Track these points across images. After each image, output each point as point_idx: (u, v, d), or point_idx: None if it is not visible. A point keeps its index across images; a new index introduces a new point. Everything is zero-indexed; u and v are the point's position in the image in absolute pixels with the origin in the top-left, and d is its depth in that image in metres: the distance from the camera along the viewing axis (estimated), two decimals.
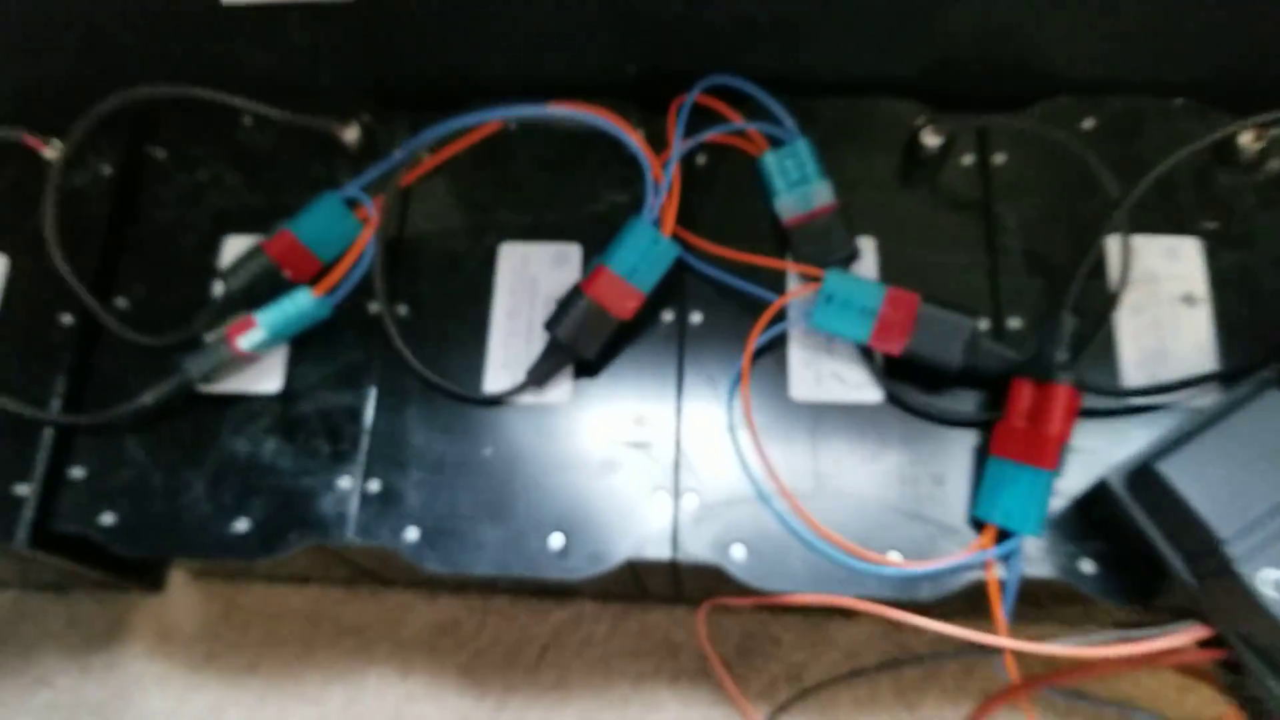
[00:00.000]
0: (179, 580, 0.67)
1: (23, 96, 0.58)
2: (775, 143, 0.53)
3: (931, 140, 0.51)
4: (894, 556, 0.43)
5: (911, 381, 0.48)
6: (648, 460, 0.48)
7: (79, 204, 0.59)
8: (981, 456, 0.45)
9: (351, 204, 0.54)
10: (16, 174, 0.57)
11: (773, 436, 0.48)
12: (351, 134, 0.56)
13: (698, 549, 0.46)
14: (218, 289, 0.55)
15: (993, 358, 0.46)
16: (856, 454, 0.47)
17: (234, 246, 0.55)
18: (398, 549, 0.48)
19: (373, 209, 0.54)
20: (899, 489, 0.46)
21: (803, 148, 0.51)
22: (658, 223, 0.48)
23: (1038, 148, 0.52)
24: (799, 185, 0.51)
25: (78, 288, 0.54)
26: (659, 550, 0.45)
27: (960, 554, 0.42)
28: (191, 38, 0.57)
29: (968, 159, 0.53)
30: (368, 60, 0.59)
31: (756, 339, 0.48)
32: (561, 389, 0.50)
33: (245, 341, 0.50)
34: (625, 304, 0.47)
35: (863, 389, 0.49)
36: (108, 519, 0.51)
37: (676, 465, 0.48)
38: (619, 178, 0.55)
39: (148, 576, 0.67)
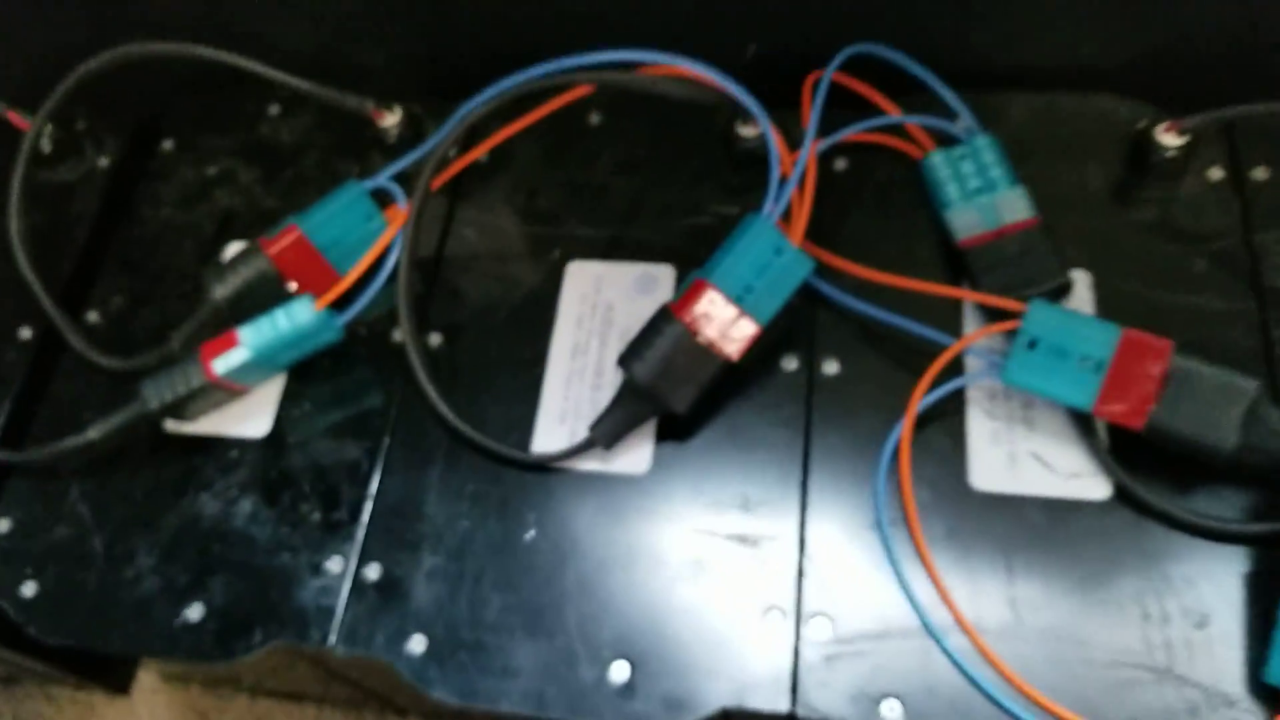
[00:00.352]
0: (147, 683, 0.59)
1: (30, 77, 0.49)
2: (945, 142, 0.40)
3: (1169, 143, 0.38)
4: None
5: (1157, 470, 0.34)
6: (756, 564, 0.36)
7: (64, 199, 0.50)
8: (1271, 587, 0.33)
9: (382, 199, 0.43)
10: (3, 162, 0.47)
11: (945, 543, 0.35)
12: (391, 120, 0.45)
13: (830, 702, 0.32)
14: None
15: None
16: (1072, 576, 0.33)
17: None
18: (394, 664, 0.35)
19: (405, 204, 0.42)
20: (1140, 632, 0.32)
21: (985, 146, 0.39)
22: (784, 226, 0.35)
23: None
24: (980, 194, 0.38)
25: (38, 293, 0.44)
26: (771, 700, 0.33)
27: None
28: (217, 9, 0.50)
29: (1216, 173, 0.39)
30: (422, 38, 0.51)
31: (921, 399, 0.34)
32: (638, 454, 0.38)
33: (222, 364, 0.39)
34: (733, 337, 0.36)
35: (1081, 479, 0.34)
36: (28, 590, 0.40)
37: (800, 575, 0.35)
38: (728, 185, 0.44)
39: (111, 676, 0.58)
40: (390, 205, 0.44)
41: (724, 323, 0.36)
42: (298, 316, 0.40)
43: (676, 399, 0.36)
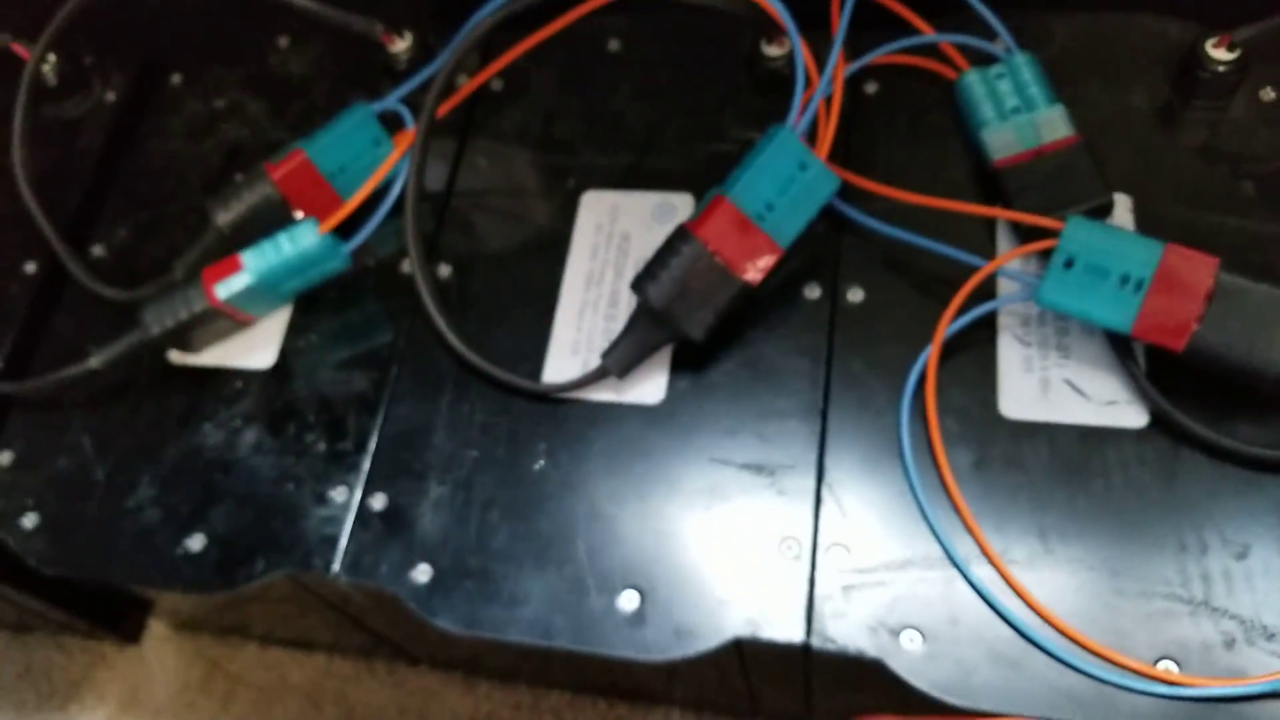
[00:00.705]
0: (158, 632, 0.59)
1: (36, 8, 0.50)
2: (982, 63, 0.39)
3: (1220, 58, 0.36)
4: (1168, 668, 0.30)
5: (1196, 396, 0.33)
6: (772, 494, 0.35)
7: (70, 134, 0.50)
8: None
9: (392, 124, 0.42)
10: (3, 97, 0.47)
11: (972, 473, 0.34)
12: (402, 45, 0.45)
13: (846, 633, 0.31)
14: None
15: None
16: (1106, 506, 0.32)
17: None
18: (399, 594, 0.34)
19: (413, 126, 0.41)
20: (1176, 563, 0.31)
21: (1023, 64, 0.38)
22: (810, 141, 0.34)
23: None
24: (1018, 114, 0.37)
25: (42, 223, 0.44)
26: (786, 630, 0.33)
27: None
28: None
29: (1269, 93, 0.38)
30: None
31: (949, 325, 0.33)
32: (652, 384, 0.38)
33: (224, 289, 0.39)
34: (754, 260, 0.35)
35: (1117, 406, 0.34)
36: (29, 521, 0.40)
37: (817, 504, 0.34)
38: (752, 109, 0.43)
39: (123, 624, 0.59)
40: (400, 130, 0.44)
41: (744, 242, 0.35)
42: (301, 240, 0.40)
43: (693, 324, 0.35)
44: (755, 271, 0.35)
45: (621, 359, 0.37)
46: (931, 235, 0.37)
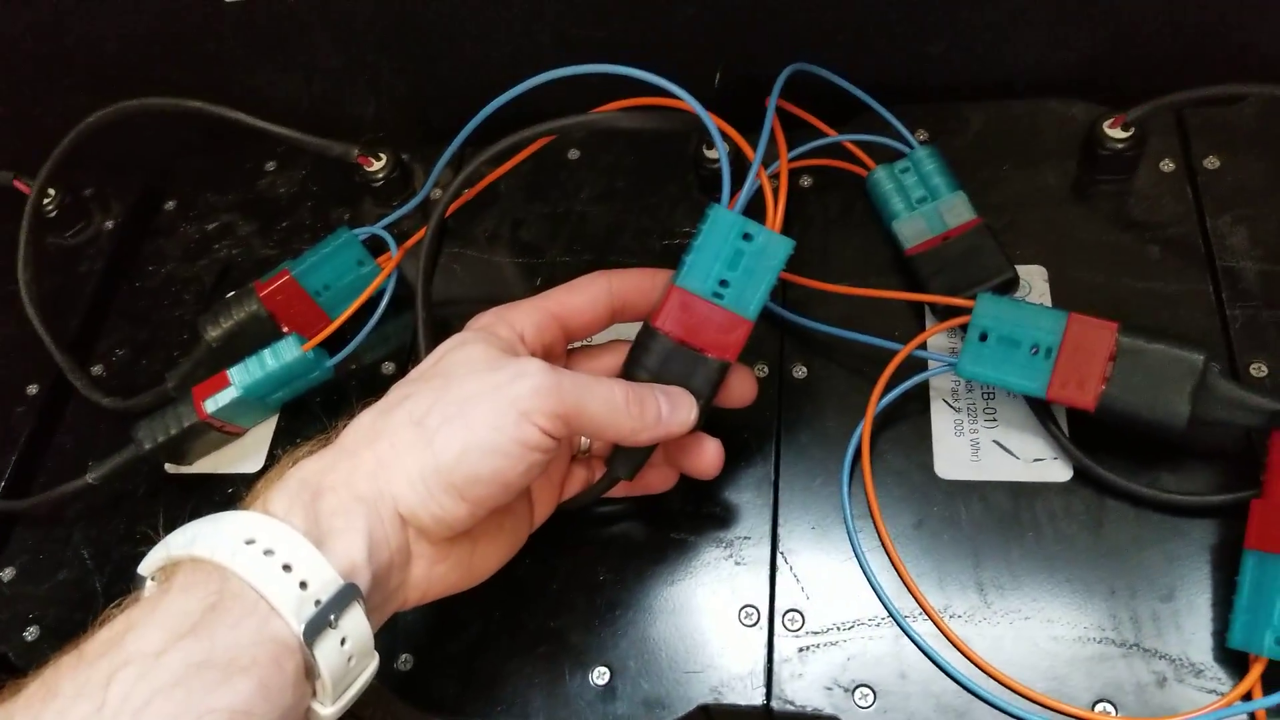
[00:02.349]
0: None
1: (38, 147, 0.54)
2: (897, 155, 0.43)
3: (1117, 136, 0.40)
4: (1105, 710, 0.32)
5: (1118, 449, 0.36)
6: (731, 565, 0.38)
7: (71, 262, 0.54)
8: (1231, 556, 0.34)
9: (375, 247, 0.46)
10: (9, 231, 0.51)
11: (914, 533, 0.36)
12: (378, 166, 0.49)
13: (804, 694, 0.34)
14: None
15: (1238, 407, 0.33)
16: (1039, 557, 0.35)
17: None
18: (383, 683, 0.36)
19: (396, 252, 0.45)
20: (1106, 608, 0.33)
21: (925, 156, 0.42)
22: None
23: (1269, 143, 0.42)
24: (925, 203, 0.41)
25: (46, 340, 0.47)
26: (747, 694, 0.35)
27: (1213, 705, 0.31)
28: (212, 66, 0.55)
29: (1168, 164, 0.41)
30: (408, 88, 0.55)
31: (879, 400, 0.36)
32: None
33: (213, 403, 0.41)
34: (723, 338, 0.34)
35: (1043, 463, 0.36)
36: (30, 634, 0.42)
37: (773, 572, 0.37)
38: (700, 206, 0.46)
39: None
40: (384, 253, 0.48)
41: (707, 324, 0.34)
42: (284, 355, 0.43)
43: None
44: (727, 349, 0.34)
45: (628, 462, 0.36)
46: (870, 316, 0.40)
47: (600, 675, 0.36)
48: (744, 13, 0.46)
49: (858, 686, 0.34)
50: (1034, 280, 0.41)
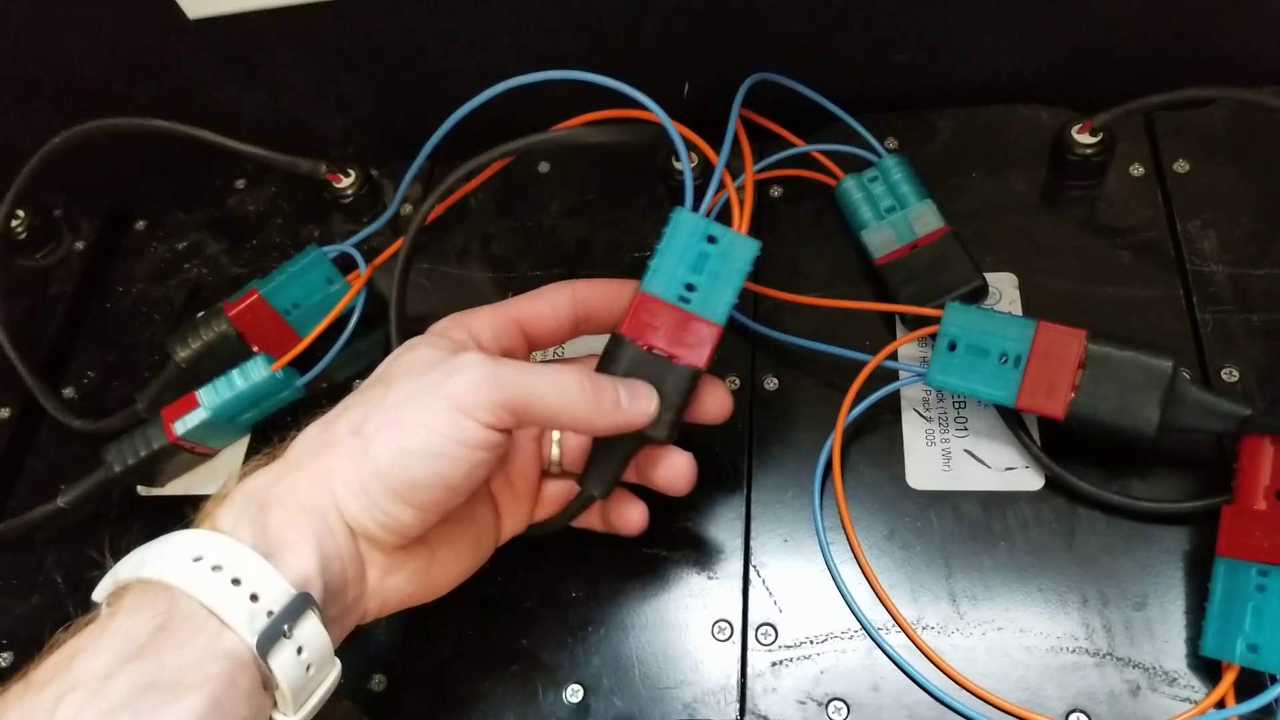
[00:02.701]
0: None
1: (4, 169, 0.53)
2: (861, 165, 0.43)
3: (1085, 141, 0.40)
4: None
5: (1090, 457, 0.35)
6: (704, 579, 0.37)
7: (42, 283, 0.53)
8: (1203, 563, 0.33)
9: (345, 265, 0.46)
10: None
11: (886, 544, 0.36)
12: (347, 182, 0.49)
13: (778, 709, 0.34)
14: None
15: (1208, 413, 0.32)
16: (1011, 567, 0.34)
17: None
18: (356, 703, 0.36)
19: (365, 269, 0.45)
20: (1079, 617, 0.33)
21: (893, 165, 0.42)
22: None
23: (1238, 146, 0.42)
24: (893, 212, 0.41)
25: (17, 364, 0.47)
26: (720, 710, 0.35)
27: (1187, 713, 0.31)
28: (178, 85, 0.54)
29: (1137, 169, 0.41)
30: (375, 104, 0.55)
31: (848, 412, 0.36)
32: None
33: (181, 425, 0.41)
34: (692, 343, 0.33)
35: (1015, 472, 0.36)
36: (4, 659, 0.41)
37: (745, 586, 0.37)
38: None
39: None
40: (353, 270, 0.47)
41: (675, 329, 0.33)
42: (252, 375, 0.43)
43: (653, 426, 0.33)
44: (697, 355, 0.33)
45: (599, 479, 0.35)
46: (839, 326, 0.40)
47: (574, 693, 0.36)
48: (711, 24, 0.46)
49: (831, 700, 0.34)
50: (1004, 287, 0.40)
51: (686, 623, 0.37)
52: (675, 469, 0.35)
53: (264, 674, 0.26)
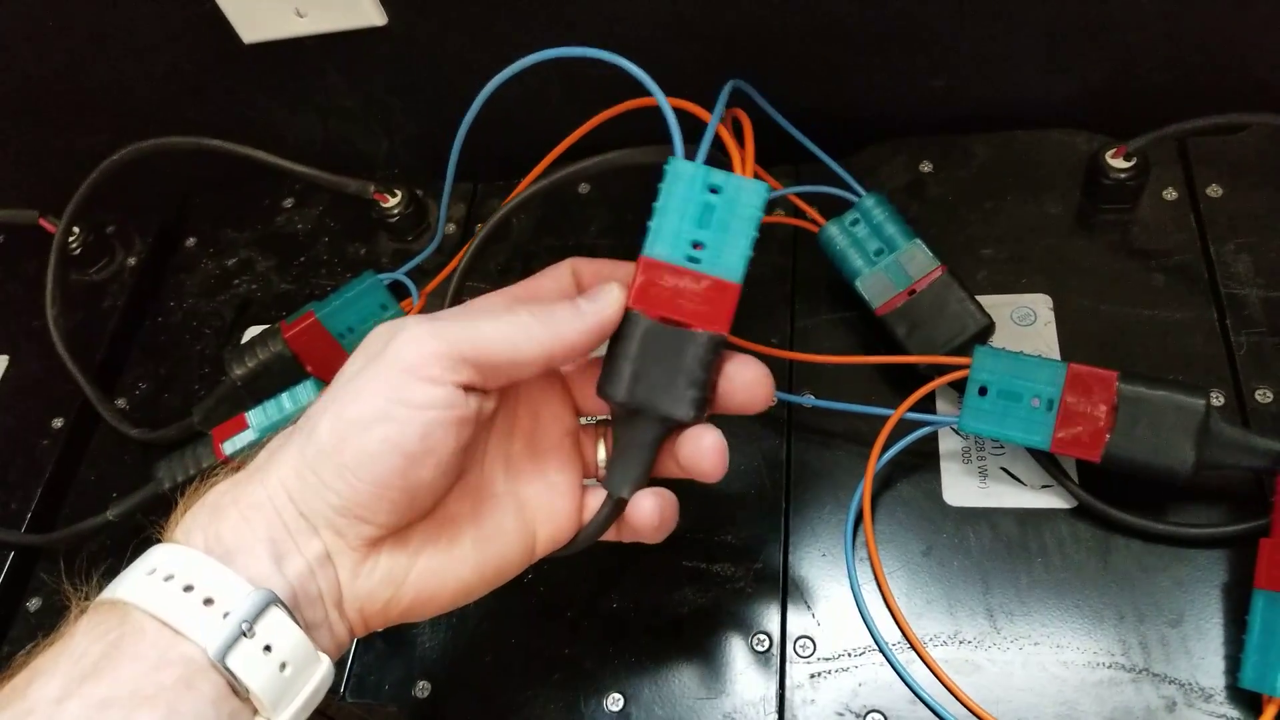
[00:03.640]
0: None
1: (64, 186, 0.55)
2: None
3: (1119, 166, 0.41)
4: None
5: (1121, 480, 0.35)
6: (743, 593, 0.38)
7: (95, 298, 0.55)
8: (1239, 588, 0.34)
9: (397, 291, 0.47)
10: (36, 268, 0.53)
11: (922, 560, 0.37)
12: (393, 202, 0.50)
13: None
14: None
15: (1244, 449, 0.33)
16: (1047, 583, 0.35)
17: None
18: (401, 710, 0.37)
19: (418, 297, 0.46)
20: (1115, 633, 0.34)
21: (873, 204, 0.41)
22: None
23: (1271, 172, 0.43)
24: (883, 255, 0.41)
25: (75, 372, 0.49)
26: None
27: None
28: (230, 105, 0.56)
29: (1170, 193, 0.42)
30: (420, 127, 0.57)
31: (877, 461, 0.37)
32: None
33: (231, 446, 0.43)
34: (708, 307, 0.29)
35: (1051, 489, 0.37)
36: None
37: (784, 599, 0.37)
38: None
39: None
40: (406, 298, 0.49)
41: (686, 294, 0.29)
42: (301, 399, 0.44)
43: (675, 403, 0.29)
44: (715, 320, 0.29)
45: (625, 477, 0.31)
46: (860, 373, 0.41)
47: (615, 702, 0.37)
48: (745, 50, 0.48)
49: (869, 712, 0.35)
50: (1039, 309, 0.41)
51: (726, 634, 0.37)
52: (701, 447, 0.30)
53: (228, 678, 0.25)
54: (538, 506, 0.32)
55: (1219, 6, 0.43)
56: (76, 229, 0.56)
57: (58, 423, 0.52)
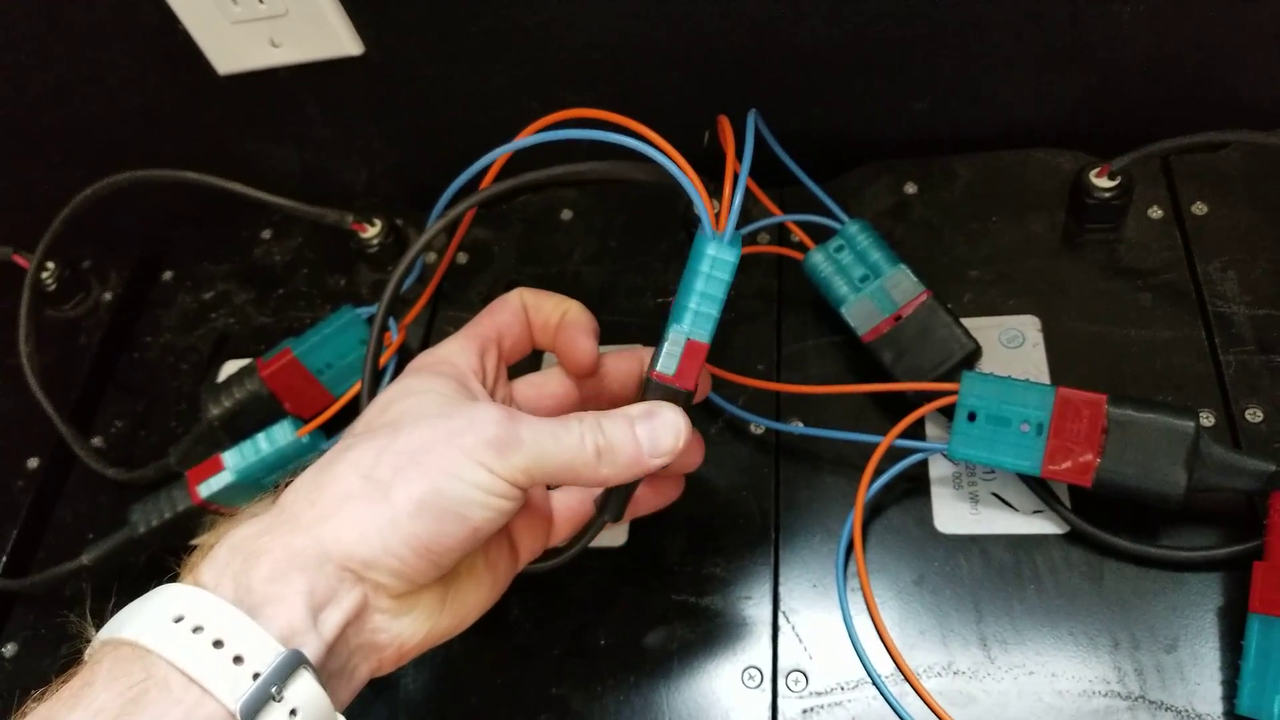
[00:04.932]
0: None
1: (38, 221, 0.55)
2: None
3: (1103, 185, 0.41)
4: None
5: (1113, 504, 0.35)
6: (733, 626, 0.38)
7: (70, 334, 0.55)
8: (1234, 611, 0.34)
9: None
10: (9, 304, 0.52)
11: (914, 590, 0.37)
12: (372, 232, 0.50)
13: None
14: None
15: (1235, 471, 0.33)
16: (1041, 611, 0.35)
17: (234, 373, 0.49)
18: None
19: (396, 333, 0.46)
20: (1110, 660, 0.34)
21: (857, 231, 0.42)
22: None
23: (1254, 188, 0.43)
24: (868, 281, 0.41)
25: (50, 413, 0.48)
26: None
27: None
28: (206, 137, 0.56)
29: (1155, 211, 0.42)
30: (400, 156, 0.57)
31: (866, 489, 0.37)
32: (616, 526, 0.40)
33: (206, 488, 0.42)
34: (681, 364, 0.32)
35: (1043, 514, 0.37)
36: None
37: (775, 633, 0.37)
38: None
39: None
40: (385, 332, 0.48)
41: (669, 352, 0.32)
42: (278, 439, 0.44)
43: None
44: (683, 377, 0.32)
45: (616, 503, 0.34)
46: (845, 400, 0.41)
47: None
48: (731, 76, 0.48)
49: None
50: (1027, 331, 0.41)
51: (716, 670, 0.37)
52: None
53: None
54: (520, 521, 0.34)
55: (1199, 26, 0.43)
56: (51, 264, 0.56)
57: (33, 463, 0.51)
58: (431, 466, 0.28)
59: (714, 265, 0.32)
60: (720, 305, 0.32)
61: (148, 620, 0.25)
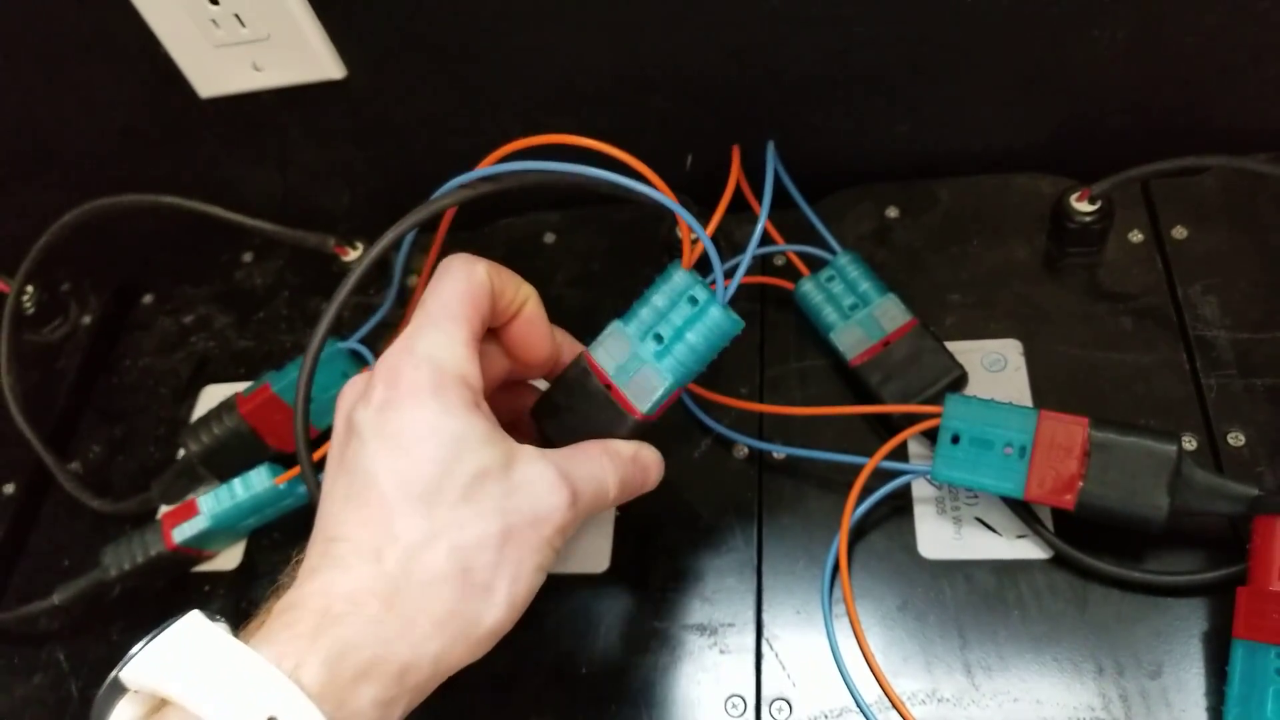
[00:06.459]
0: None
1: (16, 246, 0.55)
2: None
3: (1084, 209, 0.41)
4: None
5: (1096, 529, 0.35)
6: (715, 653, 0.38)
7: (49, 358, 0.54)
8: (1219, 636, 0.34)
9: (358, 356, 0.47)
10: None
11: (898, 616, 0.37)
12: (354, 255, 0.50)
13: None
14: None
15: (1217, 495, 0.33)
16: (1025, 636, 0.35)
17: (213, 398, 0.49)
18: None
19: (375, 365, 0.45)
20: (1095, 686, 0.33)
21: (848, 262, 0.43)
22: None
23: (1233, 212, 0.43)
24: (858, 309, 0.41)
25: (32, 439, 0.48)
26: None
27: None
28: (187, 160, 0.56)
29: (1136, 235, 0.42)
30: (382, 180, 0.56)
31: (853, 509, 0.37)
32: (597, 553, 0.40)
33: (180, 534, 0.42)
34: (642, 389, 0.34)
35: (1026, 539, 0.37)
36: None
37: (758, 660, 0.37)
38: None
39: None
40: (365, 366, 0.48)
41: (631, 372, 0.34)
42: (254, 486, 0.43)
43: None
44: (644, 403, 0.34)
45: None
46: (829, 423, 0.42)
47: None
48: (713, 101, 0.48)
49: None
50: (1009, 355, 0.41)
51: (699, 699, 0.37)
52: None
53: None
54: None
55: (1177, 53, 0.43)
56: (31, 288, 0.56)
57: (9, 489, 0.51)
58: (525, 564, 0.30)
59: (716, 332, 0.34)
60: (707, 364, 0.34)
61: (232, 708, 0.24)
